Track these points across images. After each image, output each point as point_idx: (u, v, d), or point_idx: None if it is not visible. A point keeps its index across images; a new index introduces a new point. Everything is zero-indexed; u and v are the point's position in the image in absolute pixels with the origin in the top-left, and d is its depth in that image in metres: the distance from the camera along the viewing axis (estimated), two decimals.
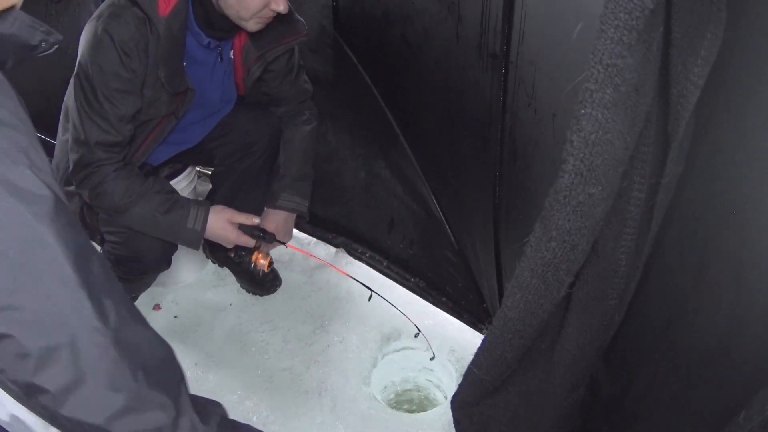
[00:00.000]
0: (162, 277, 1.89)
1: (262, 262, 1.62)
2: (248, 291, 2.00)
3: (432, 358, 1.73)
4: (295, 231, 2.21)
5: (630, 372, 1.03)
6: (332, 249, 2.15)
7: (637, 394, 1.01)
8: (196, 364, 1.77)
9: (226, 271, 2.07)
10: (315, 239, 2.20)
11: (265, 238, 1.57)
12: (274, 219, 1.66)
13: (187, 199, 1.49)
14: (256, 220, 1.55)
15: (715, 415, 0.75)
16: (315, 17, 1.67)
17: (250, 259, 1.63)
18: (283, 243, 1.64)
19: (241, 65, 1.54)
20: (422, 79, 1.53)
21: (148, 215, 1.40)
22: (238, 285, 2.03)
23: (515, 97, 1.22)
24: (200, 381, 1.72)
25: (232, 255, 1.80)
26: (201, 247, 1.56)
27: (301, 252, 1.67)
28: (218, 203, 1.83)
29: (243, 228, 1.53)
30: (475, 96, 1.34)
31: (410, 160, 1.74)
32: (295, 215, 1.71)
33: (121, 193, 1.37)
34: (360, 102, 1.78)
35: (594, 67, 0.61)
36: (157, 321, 1.92)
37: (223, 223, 1.50)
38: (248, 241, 1.55)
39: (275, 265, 2.03)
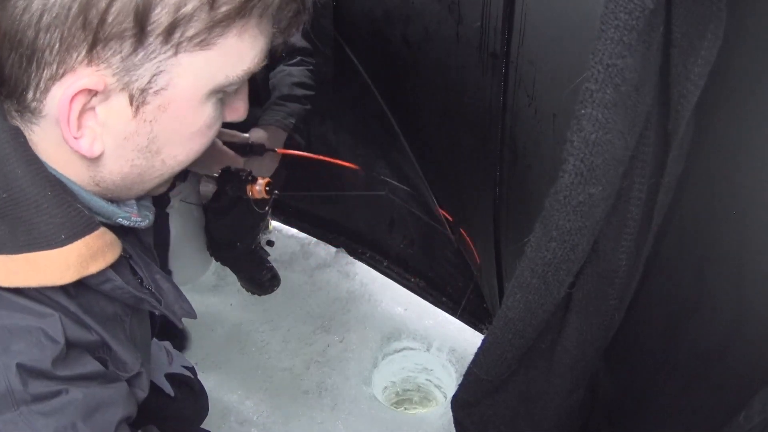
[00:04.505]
0: None
1: (258, 189, 1.35)
2: (248, 291, 2.00)
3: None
4: (294, 231, 2.24)
5: (630, 372, 1.03)
6: (332, 249, 2.15)
7: (637, 394, 1.01)
8: (196, 364, 1.77)
9: (226, 271, 2.07)
10: (315, 239, 2.20)
11: (253, 149, 1.38)
12: (257, 137, 1.43)
13: None
14: (244, 135, 1.36)
15: (715, 415, 0.75)
16: (315, 17, 1.67)
17: (245, 188, 1.36)
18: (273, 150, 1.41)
19: None
20: (422, 79, 1.53)
21: None
22: (238, 285, 2.03)
23: (515, 97, 1.22)
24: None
25: (228, 191, 1.40)
26: (204, 246, 1.47)
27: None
28: (225, 205, 1.77)
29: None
30: (475, 96, 1.34)
31: (410, 160, 1.74)
32: (285, 134, 1.49)
33: None
34: (360, 102, 1.77)
35: (594, 67, 0.61)
36: None
37: None
38: (233, 158, 1.33)
39: (275, 265, 2.04)
